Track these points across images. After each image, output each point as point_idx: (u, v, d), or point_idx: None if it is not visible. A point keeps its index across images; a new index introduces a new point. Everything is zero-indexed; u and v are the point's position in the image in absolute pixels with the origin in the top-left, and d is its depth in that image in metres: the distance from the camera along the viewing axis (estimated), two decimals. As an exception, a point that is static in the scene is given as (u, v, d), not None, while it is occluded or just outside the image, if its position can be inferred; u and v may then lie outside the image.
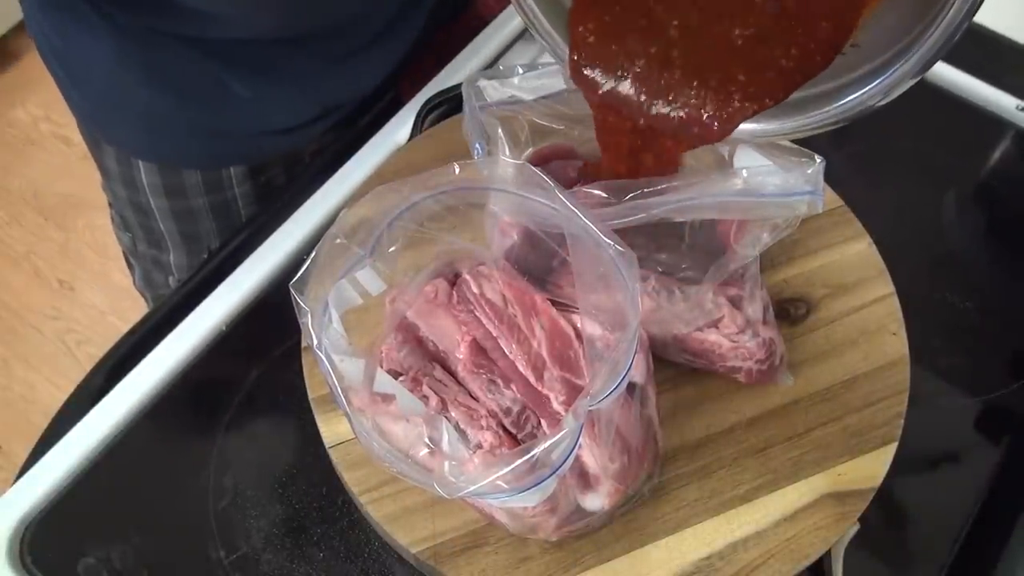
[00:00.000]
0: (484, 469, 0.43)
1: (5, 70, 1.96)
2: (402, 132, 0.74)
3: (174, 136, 0.80)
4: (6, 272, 1.74)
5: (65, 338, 1.66)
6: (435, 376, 0.52)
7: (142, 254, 0.91)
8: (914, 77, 0.43)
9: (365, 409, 0.46)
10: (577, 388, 0.50)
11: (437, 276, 0.55)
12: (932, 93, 0.82)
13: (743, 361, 0.56)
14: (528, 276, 0.55)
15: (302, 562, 0.56)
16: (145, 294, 0.95)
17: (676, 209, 0.49)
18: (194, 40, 0.72)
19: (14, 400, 1.60)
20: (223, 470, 0.60)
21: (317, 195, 0.71)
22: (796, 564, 0.52)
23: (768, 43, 0.44)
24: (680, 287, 0.55)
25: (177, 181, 0.82)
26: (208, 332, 0.65)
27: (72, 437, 0.61)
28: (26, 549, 0.57)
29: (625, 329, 0.44)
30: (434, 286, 0.54)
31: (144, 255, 0.91)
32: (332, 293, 0.48)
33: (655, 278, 0.55)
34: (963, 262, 0.73)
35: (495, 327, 0.52)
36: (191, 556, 0.57)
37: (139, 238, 0.89)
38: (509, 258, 0.57)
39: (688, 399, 0.58)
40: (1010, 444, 0.63)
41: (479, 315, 0.53)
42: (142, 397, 0.62)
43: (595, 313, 0.49)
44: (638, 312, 0.44)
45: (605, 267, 0.46)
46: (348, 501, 0.58)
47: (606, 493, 0.49)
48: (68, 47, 0.76)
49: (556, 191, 0.47)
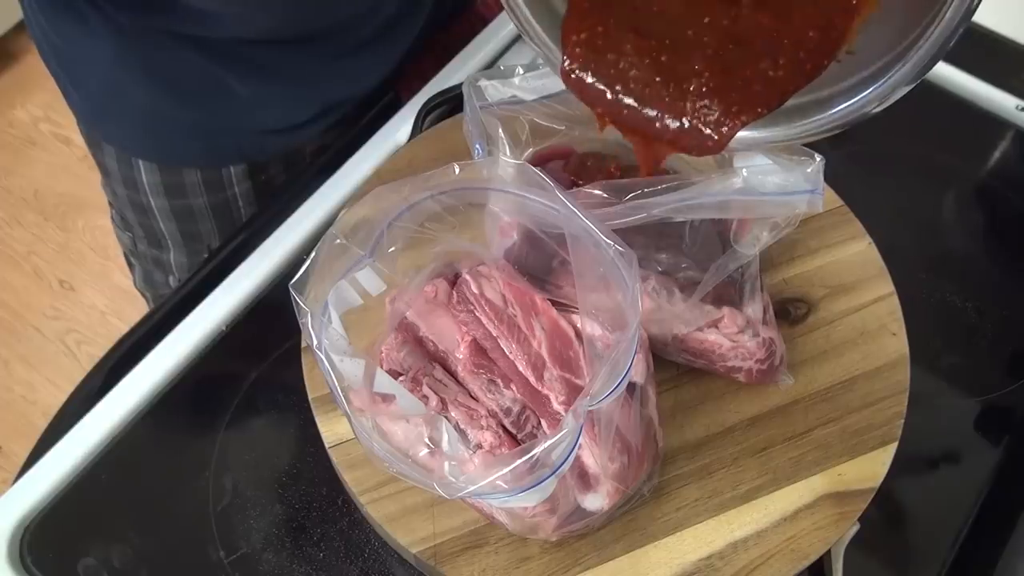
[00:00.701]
0: (484, 469, 0.43)
1: (5, 70, 1.96)
2: (402, 132, 0.74)
3: (173, 135, 0.80)
4: (6, 272, 1.74)
5: (65, 338, 1.66)
6: (435, 376, 0.52)
7: (142, 253, 0.91)
8: (909, 84, 0.43)
9: (365, 409, 0.46)
10: (577, 388, 0.50)
11: (437, 276, 0.55)
12: (932, 93, 0.82)
13: (743, 361, 0.56)
14: (528, 276, 0.55)
15: (302, 562, 0.56)
16: (146, 294, 0.95)
17: (676, 209, 0.49)
18: (194, 39, 0.72)
19: (14, 400, 1.59)
20: (223, 470, 0.60)
21: (317, 195, 0.71)
22: (796, 564, 0.52)
23: (757, 54, 0.44)
24: (680, 287, 0.55)
25: (177, 180, 0.82)
26: (208, 332, 0.65)
27: (72, 437, 0.61)
28: (26, 549, 0.57)
29: (625, 329, 0.44)
30: (434, 286, 0.54)
31: (144, 254, 0.91)
32: (332, 294, 0.48)
33: (655, 278, 0.55)
34: (963, 262, 0.73)
35: (495, 327, 0.52)
36: (191, 556, 0.57)
37: (139, 237, 0.89)
38: (509, 258, 0.57)
39: (688, 399, 0.58)
40: (1010, 444, 0.63)
41: (479, 315, 0.53)
42: (142, 397, 0.62)
43: (595, 313, 0.49)
44: (638, 312, 0.44)
45: (605, 267, 0.46)
46: (348, 501, 0.58)
47: (606, 493, 0.49)
48: (68, 47, 0.76)
49: (556, 191, 0.47)
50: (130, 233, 0.90)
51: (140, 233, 0.88)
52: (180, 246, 0.87)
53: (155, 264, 0.90)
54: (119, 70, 0.75)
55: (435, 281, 0.55)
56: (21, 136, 1.89)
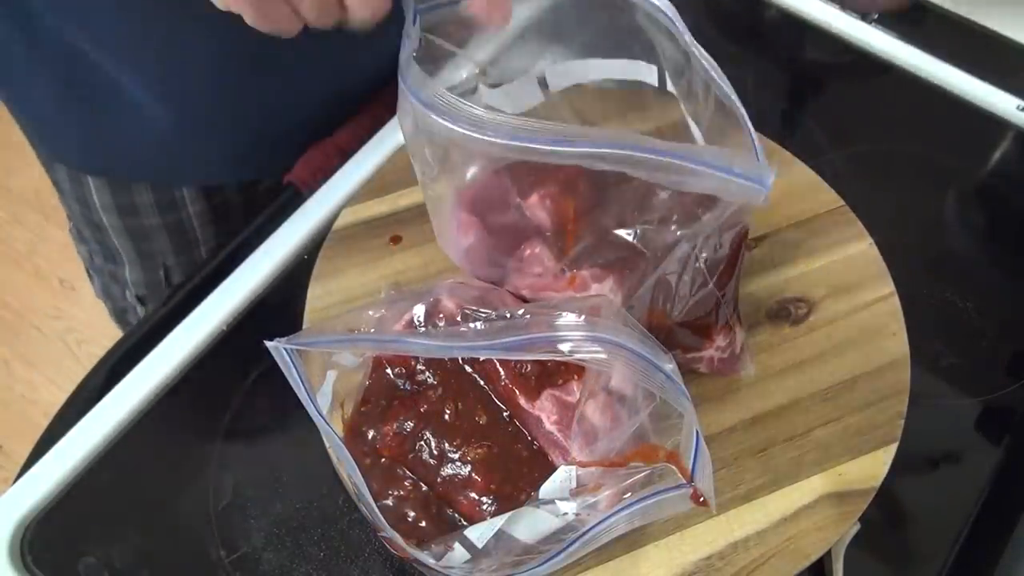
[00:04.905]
0: None
1: (6, 70, 1.96)
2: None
3: (111, 148, 0.77)
4: (7, 271, 1.74)
5: (66, 338, 1.66)
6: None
7: (99, 267, 0.90)
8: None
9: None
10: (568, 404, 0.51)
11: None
12: (932, 93, 0.82)
13: (704, 349, 0.56)
14: (488, 270, 0.56)
15: (302, 562, 0.56)
16: (106, 304, 0.94)
17: (600, 156, 0.45)
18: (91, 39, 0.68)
19: (14, 400, 1.60)
20: (223, 470, 0.60)
21: (317, 195, 0.71)
22: (796, 564, 0.52)
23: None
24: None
25: (128, 201, 0.81)
26: (208, 332, 0.65)
27: (72, 437, 0.61)
28: (26, 549, 0.57)
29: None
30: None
31: (101, 269, 0.90)
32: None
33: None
34: (963, 262, 0.73)
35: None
36: (191, 556, 0.57)
37: (95, 252, 0.88)
38: (468, 258, 0.57)
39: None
40: (1010, 444, 0.63)
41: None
42: (142, 397, 0.62)
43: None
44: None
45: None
46: (348, 501, 0.58)
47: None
48: (5, 66, 0.73)
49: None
50: (86, 247, 0.89)
51: (96, 248, 0.88)
52: (135, 262, 0.86)
53: (112, 278, 0.90)
54: (43, 82, 0.71)
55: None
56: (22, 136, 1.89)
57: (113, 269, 0.88)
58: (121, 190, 0.80)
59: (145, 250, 0.85)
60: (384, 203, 0.67)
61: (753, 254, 0.64)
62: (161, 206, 0.82)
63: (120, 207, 0.81)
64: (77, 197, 0.82)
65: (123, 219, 0.82)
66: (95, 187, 0.80)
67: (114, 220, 0.82)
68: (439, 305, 0.52)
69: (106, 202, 0.81)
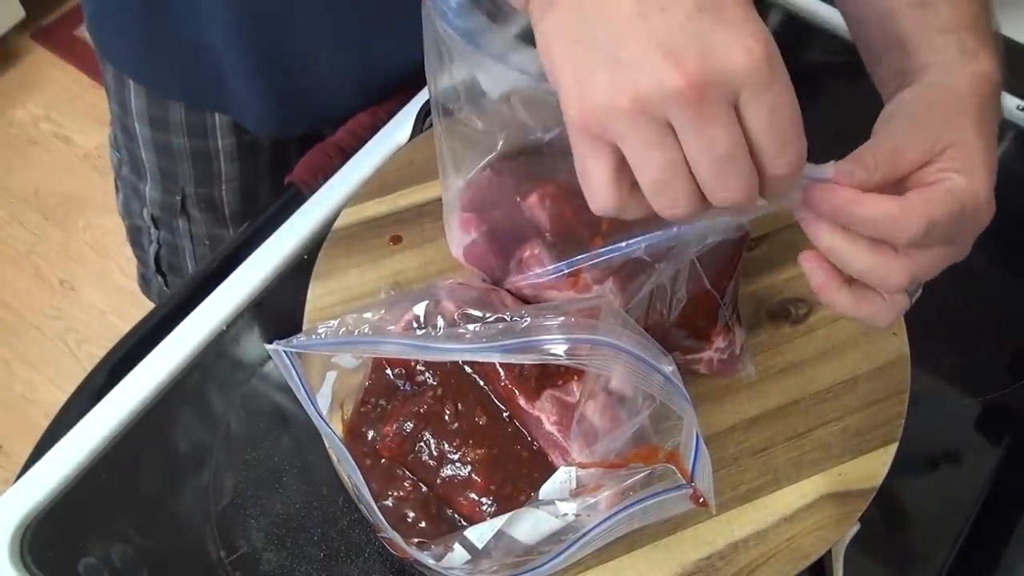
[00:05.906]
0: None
1: (5, 70, 1.96)
2: (402, 132, 0.74)
3: (159, 59, 0.79)
4: (7, 272, 1.74)
5: (66, 338, 1.66)
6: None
7: (124, 177, 0.91)
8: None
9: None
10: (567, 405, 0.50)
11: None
12: (932, 93, 0.82)
13: (703, 351, 0.56)
14: (490, 273, 0.56)
15: (302, 562, 0.56)
16: (124, 221, 0.95)
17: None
18: None
19: (14, 400, 1.60)
20: (223, 470, 0.60)
21: (317, 195, 0.71)
22: (796, 564, 0.52)
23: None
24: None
25: (162, 114, 0.82)
26: (208, 332, 0.65)
27: (72, 437, 0.61)
28: (26, 549, 0.57)
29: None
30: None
31: (126, 179, 0.91)
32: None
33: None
34: (963, 262, 0.73)
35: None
36: (191, 556, 0.57)
37: (124, 161, 0.90)
38: (470, 254, 0.57)
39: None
40: (1010, 444, 0.63)
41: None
42: (143, 397, 0.62)
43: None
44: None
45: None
46: (348, 501, 0.58)
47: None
48: None
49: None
50: (118, 153, 0.90)
51: (125, 156, 0.89)
52: (157, 181, 0.88)
53: (133, 192, 0.91)
54: None
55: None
56: (22, 136, 1.89)
57: (136, 182, 0.90)
58: (156, 101, 0.82)
59: (168, 170, 0.86)
60: (384, 203, 0.67)
61: (753, 254, 0.64)
62: (191, 128, 0.83)
63: (153, 119, 0.83)
64: (118, 98, 0.84)
65: (153, 131, 0.84)
66: (134, 91, 0.82)
67: (145, 130, 0.84)
68: (439, 306, 0.52)
69: (140, 109, 0.83)
